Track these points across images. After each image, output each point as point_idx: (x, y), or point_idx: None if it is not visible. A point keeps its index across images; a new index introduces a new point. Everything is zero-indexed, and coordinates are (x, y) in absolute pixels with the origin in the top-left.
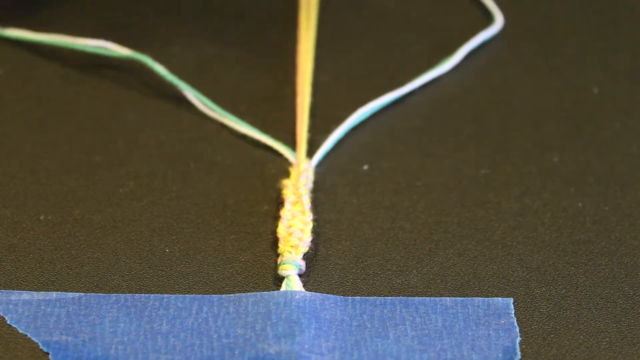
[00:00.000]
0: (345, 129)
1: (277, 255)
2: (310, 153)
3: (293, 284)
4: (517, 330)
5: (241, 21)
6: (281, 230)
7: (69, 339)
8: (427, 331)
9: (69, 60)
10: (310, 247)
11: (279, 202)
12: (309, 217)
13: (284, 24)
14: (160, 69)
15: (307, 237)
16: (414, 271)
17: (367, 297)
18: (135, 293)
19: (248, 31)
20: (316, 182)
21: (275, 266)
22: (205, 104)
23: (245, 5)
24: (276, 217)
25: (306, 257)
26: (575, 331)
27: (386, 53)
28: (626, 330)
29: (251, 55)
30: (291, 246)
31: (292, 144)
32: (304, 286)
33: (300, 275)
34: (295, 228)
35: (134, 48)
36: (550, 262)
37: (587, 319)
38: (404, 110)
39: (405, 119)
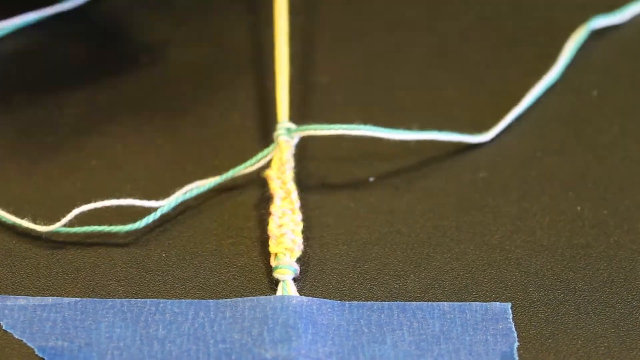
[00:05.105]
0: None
1: (268, 254)
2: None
3: (289, 288)
4: (515, 335)
5: (239, 23)
6: (272, 228)
7: (65, 344)
8: (424, 336)
9: (65, 62)
10: (302, 251)
11: (267, 197)
12: (298, 216)
13: None
14: None
15: (299, 240)
16: (412, 276)
17: (364, 302)
18: (132, 298)
19: (246, 34)
20: (313, 186)
21: (269, 268)
22: None
23: (244, 7)
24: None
25: (301, 261)
26: (573, 336)
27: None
28: (625, 335)
29: (248, 58)
30: (286, 248)
31: None
32: (301, 290)
33: (296, 280)
34: (287, 228)
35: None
36: (549, 267)
37: (586, 323)
38: (401, 114)
39: (403, 123)
